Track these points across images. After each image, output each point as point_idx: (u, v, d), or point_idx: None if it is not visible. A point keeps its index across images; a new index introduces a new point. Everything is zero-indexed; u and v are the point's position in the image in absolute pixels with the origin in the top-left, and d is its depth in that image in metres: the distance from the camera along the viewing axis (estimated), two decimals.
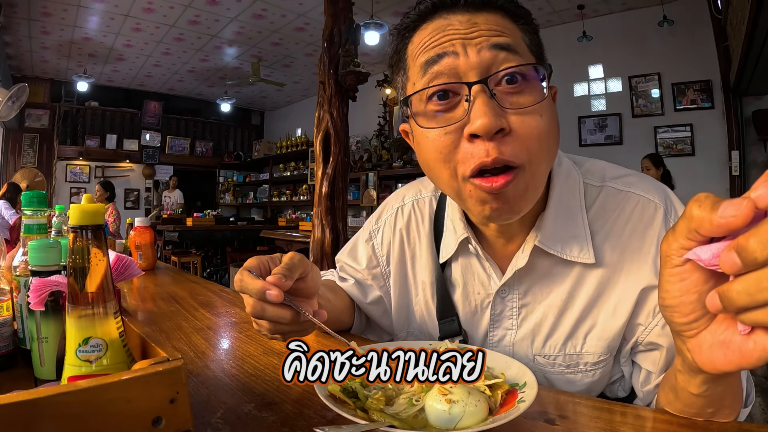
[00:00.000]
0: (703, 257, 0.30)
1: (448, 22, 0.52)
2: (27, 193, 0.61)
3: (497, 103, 0.49)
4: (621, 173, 0.62)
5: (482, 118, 0.47)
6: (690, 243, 0.31)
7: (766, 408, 2.08)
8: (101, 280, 0.40)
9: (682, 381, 0.41)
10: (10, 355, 0.57)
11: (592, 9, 4.45)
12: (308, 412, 0.47)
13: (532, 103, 0.49)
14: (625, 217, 0.58)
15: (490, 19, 0.51)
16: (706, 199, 0.29)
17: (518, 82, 0.50)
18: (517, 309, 0.62)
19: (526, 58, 0.51)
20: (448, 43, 0.50)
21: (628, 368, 0.61)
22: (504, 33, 0.51)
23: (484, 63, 0.49)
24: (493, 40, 0.50)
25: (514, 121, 0.49)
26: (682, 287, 0.33)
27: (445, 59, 0.50)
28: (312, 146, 4.75)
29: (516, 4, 0.54)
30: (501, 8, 0.52)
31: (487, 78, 0.49)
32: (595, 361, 0.59)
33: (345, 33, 3.02)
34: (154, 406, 0.36)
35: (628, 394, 0.63)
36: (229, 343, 0.75)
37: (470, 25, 0.50)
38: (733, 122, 3.77)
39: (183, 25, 5.07)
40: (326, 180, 3.02)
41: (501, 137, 0.48)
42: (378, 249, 0.76)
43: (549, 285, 0.60)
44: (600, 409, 0.48)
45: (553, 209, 0.58)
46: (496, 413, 0.41)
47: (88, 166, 7.26)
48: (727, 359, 0.32)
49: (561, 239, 0.58)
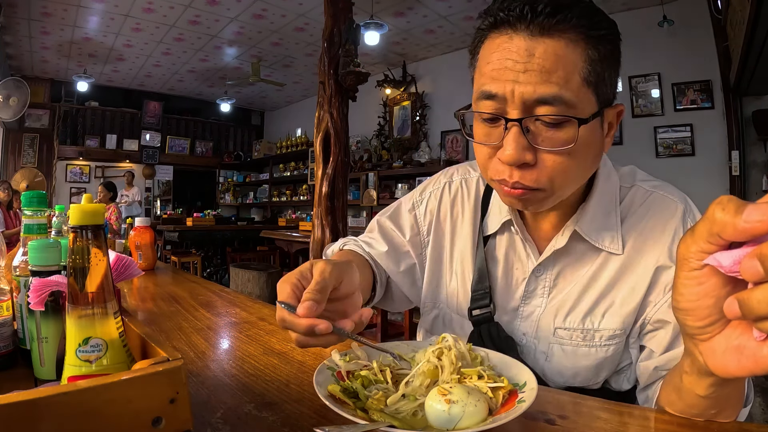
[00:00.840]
0: (724, 263, 0.29)
1: (508, 46, 0.52)
2: (27, 193, 0.61)
3: (528, 140, 0.53)
4: (649, 178, 0.69)
5: (510, 150, 0.52)
6: (710, 247, 0.30)
7: (766, 408, 2.08)
8: (101, 280, 0.40)
9: (689, 383, 0.41)
10: (10, 355, 0.57)
11: None
12: (308, 412, 0.47)
13: (563, 144, 0.52)
14: (650, 211, 0.64)
15: (549, 50, 0.50)
16: (729, 203, 0.28)
17: (555, 122, 0.52)
18: (549, 288, 0.67)
19: (571, 101, 0.51)
20: (501, 82, 0.52)
21: (636, 352, 0.64)
22: (553, 75, 0.50)
23: (527, 105, 0.52)
24: (538, 93, 0.51)
25: (542, 157, 0.54)
26: (699, 291, 0.32)
27: (496, 96, 0.53)
28: (312, 146, 4.75)
29: (593, 22, 0.52)
30: (574, 27, 0.51)
31: (522, 118, 0.52)
32: (610, 335, 0.63)
33: (345, 33, 3.02)
34: (154, 406, 0.36)
35: (632, 386, 0.65)
36: (229, 343, 0.75)
37: (527, 57, 0.51)
38: (733, 122, 3.77)
39: (183, 25, 5.07)
40: (326, 180, 3.03)
41: (526, 168, 0.54)
42: (420, 218, 0.79)
43: (579, 268, 0.66)
44: (600, 409, 0.48)
45: (594, 201, 0.64)
46: (496, 413, 0.41)
47: (88, 166, 7.26)
48: (740, 365, 0.32)
49: (597, 229, 0.64)
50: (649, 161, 4.15)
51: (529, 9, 0.51)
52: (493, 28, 0.55)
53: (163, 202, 7.90)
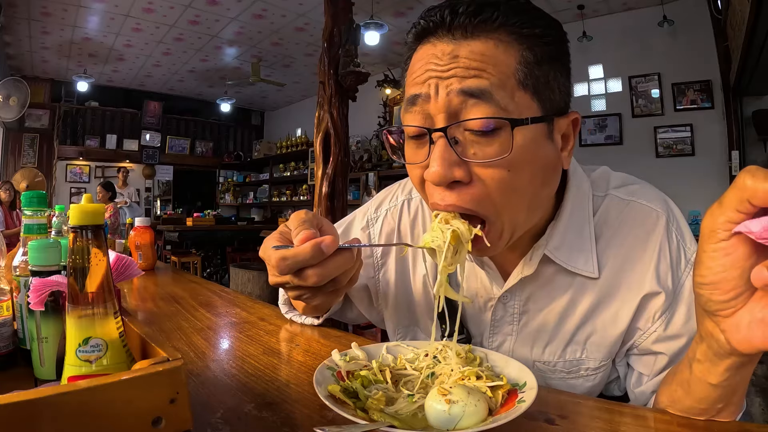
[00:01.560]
0: (754, 230, 0.30)
1: (432, 51, 0.48)
2: (27, 193, 0.61)
3: (457, 153, 0.46)
4: (624, 182, 0.62)
5: (434, 167, 0.46)
6: (739, 216, 0.31)
7: (766, 408, 2.08)
8: (101, 280, 0.40)
9: (701, 371, 0.41)
10: (10, 355, 0.57)
11: (592, 9, 4.44)
12: (308, 412, 0.47)
13: (496, 156, 0.46)
14: (628, 225, 0.58)
15: (476, 50, 0.46)
16: (758, 171, 0.29)
17: (486, 128, 0.46)
18: (518, 315, 0.62)
19: (503, 103, 0.45)
20: (425, 83, 0.48)
21: (623, 369, 0.62)
22: (483, 72, 0.46)
23: (451, 108, 0.46)
24: (465, 84, 0.45)
25: (477, 172, 0.47)
26: (725, 262, 0.33)
27: (420, 101, 0.48)
28: (312, 146, 4.75)
29: (524, 19, 0.47)
30: (502, 26, 0.47)
31: (447, 126, 0.46)
32: (596, 366, 0.60)
33: (345, 33, 3.02)
34: (154, 406, 0.36)
35: (623, 393, 0.63)
36: (229, 343, 0.75)
37: (450, 59, 0.47)
38: (733, 122, 3.77)
39: (183, 25, 5.07)
40: (326, 180, 3.03)
41: (461, 187, 0.47)
42: (374, 238, 0.73)
43: (551, 292, 0.60)
44: (600, 409, 0.48)
45: (564, 220, 0.57)
46: (496, 413, 0.41)
47: (88, 166, 7.26)
48: (765, 336, 0.32)
49: (568, 249, 0.57)
50: (649, 161, 4.15)
51: (449, 12, 0.47)
52: (417, 40, 0.51)
53: (163, 202, 7.89)
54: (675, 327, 0.55)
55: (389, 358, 0.54)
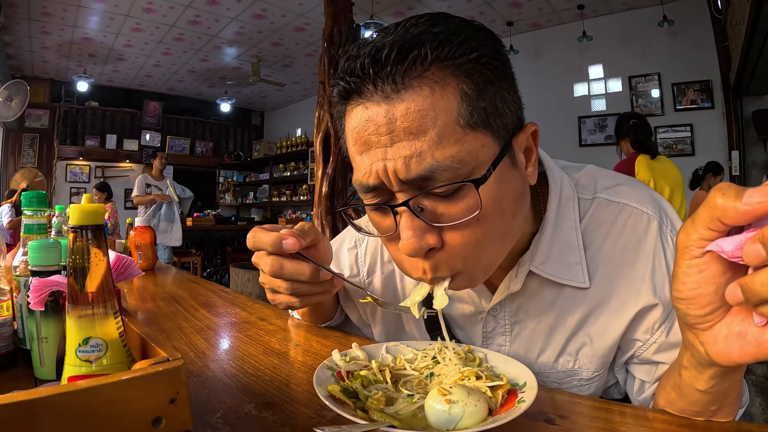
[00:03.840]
0: (726, 249, 0.29)
1: (366, 116, 0.44)
2: (27, 193, 0.61)
3: (424, 220, 0.43)
4: (612, 182, 0.59)
5: (406, 240, 0.44)
6: (711, 233, 0.30)
7: (766, 408, 2.08)
8: (101, 280, 0.40)
9: (689, 378, 0.41)
10: (10, 355, 0.57)
11: (592, 9, 4.44)
12: (308, 412, 0.47)
13: (464, 215, 0.43)
14: (618, 230, 0.56)
15: (411, 107, 0.41)
16: (729, 188, 0.28)
17: (448, 192, 0.43)
18: (510, 326, 0.61)
19: (456, 160, 0.42)
20: (373, 172, 0.44)
21: (622, 375, 0.61)
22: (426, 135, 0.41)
23: (407, 183, 0.43)
24: (413, 173, 0.42)
25: (448, 236, 0.45)
26: (699, 279, 0.32)
27: (377, 188, 0.46)
28: (312, 146, 4.74)
29: (456, 44, 0.42)
30: (433, 63, 0.41)
31: (408, 200, 0.43)
32: (589, 377, 0.59)
33: (345, 33, 3.02)
34: (154, 406, 0.36)
35: (622, 397, 0.63)
36: (229, 343, 0.75)
37: (388, 125, 0.42)
38: (733, 122, 3.77)
39: (183, 25, 5.07)
40: (326, 180, 3.03)
41: (434, 252, 0.45)
42: (360, 259, 0.73)
43: (540, 303, 0.59)
44: (600, 409, 0.48)
45: (548, 232, 0.55)
46: (496, 413, 0.41)
47: (88, 166, 7.25)
48: (743, 351, 0.32)
49: (555, 262, 0.55)
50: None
51: (370, 63, 0.42)
52: (344, 100, 0.46)
53: None
54: (676, 336, 0.54)
55: (389, 358, 0.54)
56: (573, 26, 4.64)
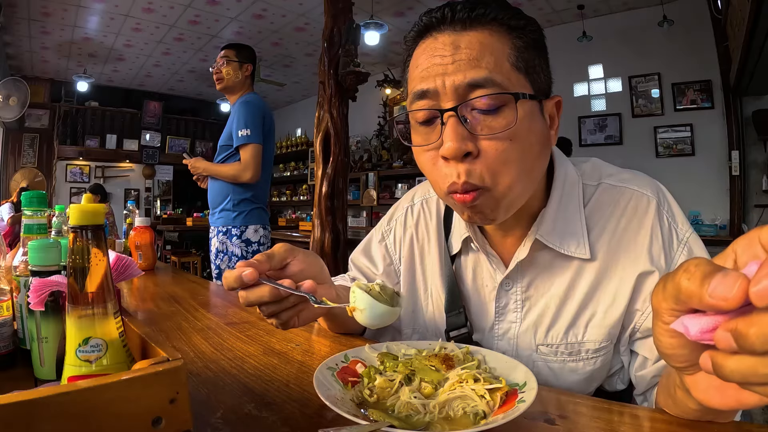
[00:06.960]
0: (691, 331, 0.28)
1: (434, 44, 0.54)
2: (27, 193, 0.61)
3: (467, 129, 0.52)
4: (616, 171, 0.66)
5: (449, 142, 0.51)
6: (679, 307, 0.29)
7: (766, 408, 2.08)
8: (101, 280, 0.40)
9: (681, 396, 0.41)
10: (10, 355, 0.57)
11: (592, 9, 4.44)
12: (308, 412, 0.47)
13: (501, 129, 0.52)
14: (620, 210, 0.62)
15: (474, 40, 0.52)
16: (696, 269, 0.27)
17: (491, 107, 0.52)
18: (521, 302, 0.65)
19: (504, 83, 0.52)
20: (432, 79, 0.53)
21: (627, 357, 0.63)
22: (482, 61, 0.52)
23: (459, 93, 0.52)
24: (469, 76, 0.51)
25: (484, 145, 0.52)
26: (673, 342, 0.32)
27: (428, 95, 0.54)
28: (312, 146, 4.74)
29: (511, 14, 0.55)
30: (494, 20, 0.53)
31: (457, 106, 0.52)
32: (596, 348, 0.62)
33: (345, 33, 3.02)
34: (154, 406, 0.36)
35: (626, 386, 0.65)
36: (229, 343, 0.75)
37: (453, 50, 0.52)
38: (733, 122, 3.77)
39: (183, 25, 5.07)
40: (326, 180, 3.03)
41: (471, 160, 0.52)
42: (391, 248, 0.80)
43: (550, 278, 0.63)
44: (600, 409, 0.48)
45: (553, 206, 0.62)
46: (495, 413, 0.41)
47: (88, 166, 7.25)
48: (723, 401, 0.32)
49: (559, 235, 0.61)
50: (649, 161, 4.15)
51: (449, 10, 0.54)
52: (419, 36, 0.57)
53: (163, 202, 7.89)
54: None
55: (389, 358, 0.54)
56: (573, 26, 4.64)
